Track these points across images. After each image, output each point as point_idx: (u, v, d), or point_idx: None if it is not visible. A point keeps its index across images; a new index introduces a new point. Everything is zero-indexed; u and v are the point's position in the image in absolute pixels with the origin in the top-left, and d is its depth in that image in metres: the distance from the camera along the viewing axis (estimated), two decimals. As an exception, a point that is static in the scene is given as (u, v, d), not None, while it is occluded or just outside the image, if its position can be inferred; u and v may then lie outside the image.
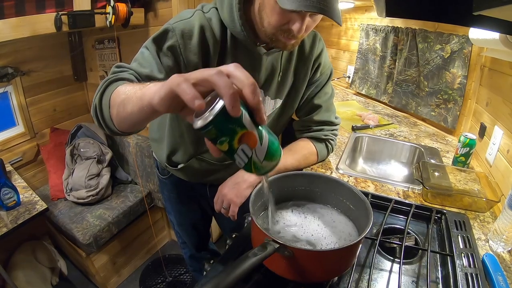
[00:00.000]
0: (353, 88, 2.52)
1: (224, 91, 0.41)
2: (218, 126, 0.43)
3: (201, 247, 1.53)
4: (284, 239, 0.72)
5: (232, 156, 0.48)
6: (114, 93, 0.64)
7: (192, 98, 0.41)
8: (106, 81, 0.70)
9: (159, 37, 0.81)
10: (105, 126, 0.69)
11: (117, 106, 0.62)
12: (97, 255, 1.89)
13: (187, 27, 0.82)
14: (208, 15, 0.86)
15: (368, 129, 1.67)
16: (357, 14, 2.38)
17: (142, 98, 0.53)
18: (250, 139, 0.46)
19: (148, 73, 0.78)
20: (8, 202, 1.47)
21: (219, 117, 0.42)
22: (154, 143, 1.21)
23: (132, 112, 0.57)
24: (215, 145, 0.46)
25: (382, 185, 1.14)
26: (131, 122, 0.61)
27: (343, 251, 0.63)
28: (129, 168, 2.28)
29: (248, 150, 0.47)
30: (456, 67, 1.56)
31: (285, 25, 0.77)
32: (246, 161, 0.49)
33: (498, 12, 0.50)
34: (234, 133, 0.45)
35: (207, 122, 0.42)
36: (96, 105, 0.68)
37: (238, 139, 0.45)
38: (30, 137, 2.16)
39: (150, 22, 1.85)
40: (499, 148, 1.15)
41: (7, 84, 1.95)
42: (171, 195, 1.34)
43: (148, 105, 0.51)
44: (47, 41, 2.08)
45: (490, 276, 0.72)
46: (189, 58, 0.83)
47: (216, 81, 0.41)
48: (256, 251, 0.57)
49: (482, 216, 0.98)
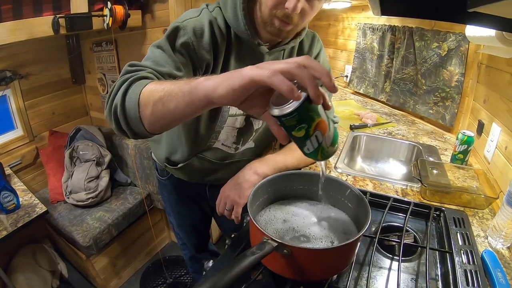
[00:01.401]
0: (351, 87, 2.53)
1: (309, 82, 0.45)
2: (301, 114, 0.48)
3: (201, 248, 1.53)
4: (283, 238, 0.72)
5: (304, 142, 0.53)
6: (146, 91, 0.60)
7: (290, 90, 0.44)
8: (126, 80, 0.65)
9: (171, 35, 0.81)
10: (127, 129, 0.65)
11: (153, 105, 0.59)
12: (97, 258, 1.89)
13: (198, 25, 0.82)
14: (213, 14, 0.87)
15: (366, 128, 1.67)
16: (354, 13, 2.38)
17: (193, 92, 0.53)
18: (323, 126, 0.51)
19: (168, 71, 0.76)
20: (7, 205, 1.47)
21: (303, 105, 0.46)
22: (153, 143, 1.21)
23: (176, 108, 0.56)
24: (292, 131, 0.50)
25: (380, 184, 1.14)
26: (170, 120, 0.60)
27: (342, 249, 0.63)
28: (128, 170, 2.28)
29: (320, 136, 0.52)
30: (453, 64, 1.57)
31: (280, 5, 0.77)
32: (316, 146, 0.53)
33: (492, 8, 0.50)
34: (312, 120, 0.49)
35: (292, 109, 0.47)
36: (117, 105, 0.63)
37: (315, 126, 0.50)
38: (29, 140, 2.16)
39: (148, 24, 1.85)
40: (497, 145, 1.15)
41: (5, 88, 1.95)
42: (170, 196, 1.34)
43: (203, 99, 0.52)
44: (45, 44, 2.08)
45: (490, 272, 0.72)
46: (202, 55, 0.83)
47: (299, 73, 0.45)
48: (254, 250, 0.57)
49: (481, 213, 0.98)
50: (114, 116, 0.64)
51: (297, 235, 0.74)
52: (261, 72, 0.46)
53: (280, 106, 0.48)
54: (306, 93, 0.46)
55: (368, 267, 0.73)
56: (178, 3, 1.64)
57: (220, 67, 0.90)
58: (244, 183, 0.98)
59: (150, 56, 0.80)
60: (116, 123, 0.65)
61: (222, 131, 1.02)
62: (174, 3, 1.63)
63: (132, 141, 2.10)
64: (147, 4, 1.78)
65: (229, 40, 0.89)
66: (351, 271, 0.71)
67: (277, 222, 0.78)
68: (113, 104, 0.64)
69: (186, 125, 1.02)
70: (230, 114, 0.98)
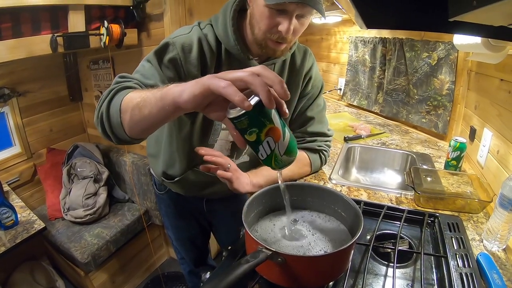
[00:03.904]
0: (344, 100, 2.56)
1: (261, 88, 0.48)
2: (251, 118, 0.50)
3: (199, 262, 1.52)
4: (277, 247, 0.72)
5: (256, 147, 0.55)
6: (126, 99, 0.66)
7: (242, 100, 0.47)
8: (113, 89, 0.71)
9: (160, 50, 0.85)
10: (111, 134, 0.70)
11: (131, 110, 0.63)
12: (96, 274, 1.88)
13: (187, 41, 0.87)
14: (204, 31, 0.90)
15: (360, 139, 1.69)
16: (345, 27, 2.44)
17: (164, 98, 0.57)
18: (275, 133, 0.53)
19: (153, 84, 0.80)
20: (6, 221, 1.47)
21: (254, 109, 0.48)
22: (151, 158, 1.23)
23: (150, 113, 0.60)
24: (244, 135, 0.53)
25: (375, 193, 1.15)
26: (146, 124, 0.63)
27: (335, 256, 0.64)
28: (126, 187, 2.28)
29: (272, 143, 0.54)
30: (443, 73, 1.60)
31: (274, 28, 0.82)
32: (269, 153, 0.55)
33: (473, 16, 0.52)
34: (263, 125, 0.52)
35: (242, 112, 0.49)
36: (103, 112, 0.68)
37: (266, 131, 0.52)
38: (27, 157, 2.17)
39: (144, 42, 1.89)
40: (489, 149, 1.16)
41: (3, 105, 1.98)
42: (168, 210, 1.34)
43: (171, 104, 0.55)
44: (43, 62, 2.11)
45: (486, 274, 0.72)
46: (189, 70, 0.87)
47: (251, 81, 0.48)
48: (248, 258, 0.58)
49: (475, 217, 0.99)
50: (100, 121, 0.70)
51: (291, 244, 0.74)
52: (217, 82, 0.49)
53: (234, 109, 0.51)
54: (258, 98, 0.49)
55: (363, 275, 0.73)
56: (173, 21, 1.68)
57: None
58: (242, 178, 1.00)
59: (139, 69, 0.85)
60: (102, 128, 0.71)
61: (216, 144, 1.04)
62: (169, 21, 1.68)
63: (129, 157, 2.11)
64: (143, 22, 1.82)
65: (219, 55, 0.92)
66: (347, 278, 0.72)
67: (272, 232, 0.79)
68: (100, 110, 0.70)
69: (181, 140, 1.04)
70: (223, 127, 1.01)
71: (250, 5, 0.86)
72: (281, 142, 0.55)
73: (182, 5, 1.69)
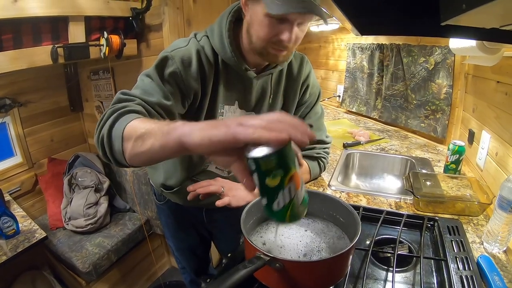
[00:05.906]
0: (343, 106, 2.57)
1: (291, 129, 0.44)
2: (280, 157, 0.45)
3: (200, 271, 1.51)
4: (275, 252, 0.72)
5: (275, 195, 0.48)
6: (130, 127, 0.62)
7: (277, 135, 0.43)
8: (115, 111, 0.67)
9: (160, 65, 0.84)
10: (112, 159, 0.66)
11: (134, 141, 0.59)
12: (97, 283, 1.86)
13: (186, 54, 0.86)
14: (201, 43, 0.90)
15: (359, 146, 1.69)
16: (343, 34, 2.46)
17: (170, 133, 0.52)
18: (297, 180, 0.48)
19: (157, 101, 0.78)
20: (7, 230, 1.47)
21: (283, 150, 0.44)
22: (151, 169, 1.23)
23: (152, 146, 0.56)
24: (264, 178, 0.46)
25: (374, 198, 1.15)
26: (147, 157, 0.59)
27: (333, 261, 0.63)
28: (127, 196, 2.28)
29: (293, 190, 0.48)
30: (441, 77, 1.61)
31: (275, 37, 0.81)
32: (287, 202, 0.49)
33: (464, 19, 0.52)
34: (289, 169, 0.46)
35: (273, 151, 0.44)
36: (104, 136, 0.65)
37: (290, 176, 0.47)
38: (28, 167, 2.17)
39: (143, 52, 1.91)
40: (488, 152, 1.17)
41: (5, 115, 1.99)
42: (168, 221, 1.34)
43: (176, 141, 0.51)
44: (44, 73, 2.13)
45: (486, 276, 0.72)
46: (190, 84, 0.87)
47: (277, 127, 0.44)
48: (246, 264, 0.58)
49: (475, 220, 0.99)
50: (101, 144, 0.66)
51: (290, 250, 0.74)
52: (244, 130, 0.44)
53: (260, 147, 0.45)
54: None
55: (363, 280, 0.73)
56: (172, 31, 1.70)
57: (210, 94, 0.93)
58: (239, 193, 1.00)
59: (139, 84, 0.82)
60: (102, 150, 0.67)
61: None
62: (168, 32, 1.70)
63: (130, 167, 2.11)
64: (142, 33, 1.84)
65: (217, 67, 0.92)
66: (346, 283, 0.71)
67: (270, 239, 0.79)
68: (101, 133, 0.66)
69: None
70: None
71: (247, 14, 0.85)
72: (299, 191, 0.50)
73: (181, 15, 1.72)
